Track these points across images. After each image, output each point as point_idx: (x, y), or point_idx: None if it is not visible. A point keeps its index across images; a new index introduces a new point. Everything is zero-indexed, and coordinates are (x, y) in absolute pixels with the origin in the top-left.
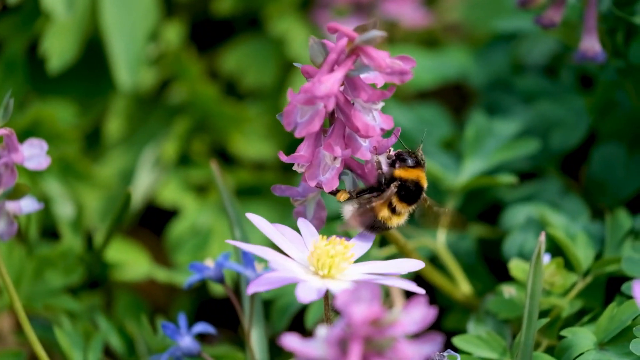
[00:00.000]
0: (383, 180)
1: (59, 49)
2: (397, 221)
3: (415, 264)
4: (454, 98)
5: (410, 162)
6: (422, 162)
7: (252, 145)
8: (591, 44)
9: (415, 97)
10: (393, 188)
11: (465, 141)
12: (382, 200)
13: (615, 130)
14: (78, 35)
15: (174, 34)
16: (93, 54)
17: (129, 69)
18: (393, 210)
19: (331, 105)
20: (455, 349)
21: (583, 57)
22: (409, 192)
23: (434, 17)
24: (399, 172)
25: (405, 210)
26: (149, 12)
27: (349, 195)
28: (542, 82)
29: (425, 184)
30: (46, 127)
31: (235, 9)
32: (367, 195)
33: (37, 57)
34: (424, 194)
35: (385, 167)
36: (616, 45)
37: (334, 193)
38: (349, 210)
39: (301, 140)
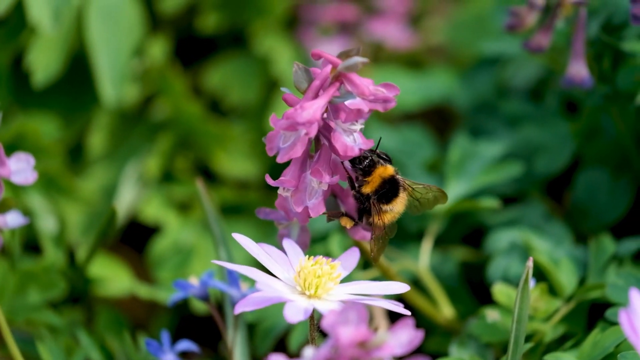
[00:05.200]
0: (362, 200)
1: (43, 62)
2: (400, 207)
3: (401, 287)
4: (437, 120)
5: (364, 167)
6: (375, 161)
7: (235, 163)
8: (578, 70)
9: (400, 119)
10: (375, 207)
11: (449, 164)
12: (377, 221)
13: (599, 155)
14: (63, 49)
15: (158, 49)
16: (77, 69)
17: (113, 83)
18: (392, 207)
19: (313, 132)
20: None
21: (570, 82)
22: (387, 192)
23: (419, 39)
24: (365, 189)
25: (400, 198)
26: (134, 27)
27: (353, 223)
28: (527, 106)
29: (391, 172)
30: (30, 140)
31: (220, 26)
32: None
33: (22, 71)
34: (400, 179)
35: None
36: (603, 71)
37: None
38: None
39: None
